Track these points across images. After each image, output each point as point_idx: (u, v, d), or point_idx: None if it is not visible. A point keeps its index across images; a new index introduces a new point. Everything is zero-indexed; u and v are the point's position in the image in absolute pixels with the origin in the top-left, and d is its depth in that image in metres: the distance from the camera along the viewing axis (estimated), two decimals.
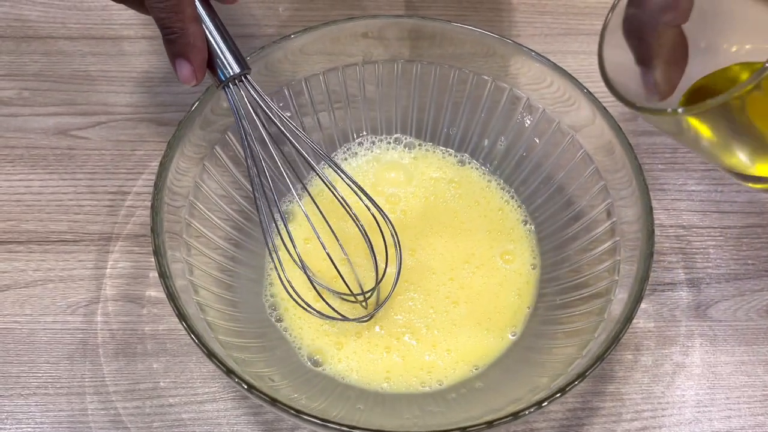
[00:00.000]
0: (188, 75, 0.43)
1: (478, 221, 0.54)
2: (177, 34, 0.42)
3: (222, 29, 0.44)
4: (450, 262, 0.52)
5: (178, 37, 0.42)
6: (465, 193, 0.55)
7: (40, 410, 0.50)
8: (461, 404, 0.45)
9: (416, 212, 0.55)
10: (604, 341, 0.41)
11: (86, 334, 0.52)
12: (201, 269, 0.46)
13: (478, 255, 0.53)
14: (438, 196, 0.55)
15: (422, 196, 0.56)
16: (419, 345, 0.49)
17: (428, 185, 0.56)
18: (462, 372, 0.48)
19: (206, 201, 0.49)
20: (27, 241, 0.56)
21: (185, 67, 0.43)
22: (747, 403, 0.51)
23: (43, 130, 0.61)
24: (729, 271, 0.56)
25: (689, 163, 0.61)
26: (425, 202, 0.55)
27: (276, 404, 0.38)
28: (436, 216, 0.54)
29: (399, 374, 0.48)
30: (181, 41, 0.42)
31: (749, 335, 0.54)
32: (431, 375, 0.48)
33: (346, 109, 0.56)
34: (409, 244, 0.53)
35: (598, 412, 0.51)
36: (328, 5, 0.68)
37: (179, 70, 0.43)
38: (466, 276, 0.52)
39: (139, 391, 0.50)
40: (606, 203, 0.48)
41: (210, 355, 0.39)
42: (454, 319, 0.50)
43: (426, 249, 0.53)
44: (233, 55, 0.44)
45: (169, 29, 0.42)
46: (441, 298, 0.51)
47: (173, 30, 0.42)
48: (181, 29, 0.42)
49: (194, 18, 0.43)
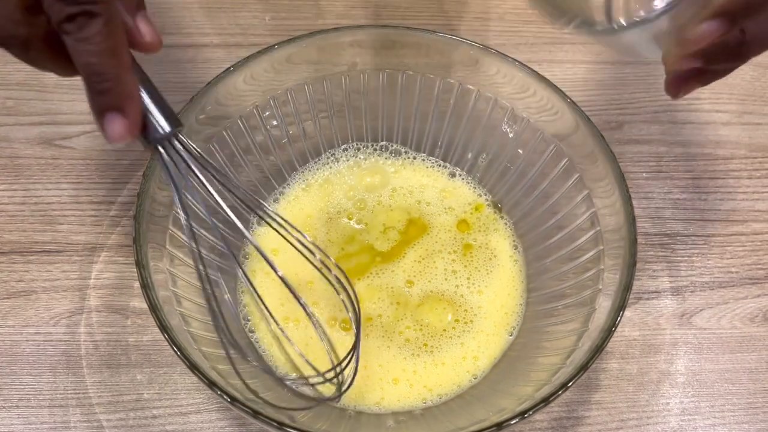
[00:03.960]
0: (122, 131, 0.36)
1: (458, 228, 0.54)
2: (110, 82, 0.35)
3: (147, 82, 0.38)
4: (426, 272, 0.52)
5: (111, 85, 0.35)
6: (451, 203, 0.56)
7: (22, 422, 0.49)
8: (446, 415, 0.45)
9: (394, 219, 0.55)
10: (587, 350, 0.41)
11: (69, 345, 0.52)
12: (184, 280, 0.46)
13: (458, 264, 0.53)
14: (420, 203, 0.56)
15: (403, 201, 0.56)
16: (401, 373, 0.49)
17: (411, 191, 0.56)
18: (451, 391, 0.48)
19: (190, 210, 0.49)
20: (10, 252, 0.55)
21: (117, 123, 0.36)
22: (731, 411, 0.51)
23: (27, 140, 0.60)
24: (713, 279, 0.56)
25: (674, 172, 0.61)
26: (405, 207, 0.55)
27: (258, 417, 0.37)
28: (416, 224, 0.55)
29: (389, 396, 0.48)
30: (116, 90, 0.35)
31: (733, 343, 0.54)
32: (427, 393, 0.48)
33: (332, 118, 0.56)
34: (384, 253, 0.53)
35: (584, 420, 0.51)
36: (314, 15, 0.68)
37: (109, 125, 0.36)
38: (446, 289, 0.52)
39: (123, 402, 0.50)
40: (590, 212, 0.49)
41: (192, 368, 0.39)
42: (434, 341, 0.50)
43: (402, 259, 0.53)
44: (163, 113, 0.38)
45: (102, 76, 0.35)
46: (413, 321, 0.51)
47: (106, 77, 0.35)
48: (116, 76, 0.35)
49: (128, 63, 0.36)
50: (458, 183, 0.57)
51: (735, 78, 0.65)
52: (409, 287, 0.51)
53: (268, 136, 0.54)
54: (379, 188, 0.56)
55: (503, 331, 0.50)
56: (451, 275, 0.52)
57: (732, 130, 0.63)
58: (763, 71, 0.66)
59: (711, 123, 0.64)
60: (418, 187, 0.56)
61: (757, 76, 0.66)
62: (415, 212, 0.55)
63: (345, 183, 0.56)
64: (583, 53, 0.67)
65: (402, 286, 0.52)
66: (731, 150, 0.62)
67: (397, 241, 0.53)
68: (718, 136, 0.63)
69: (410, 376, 0.48)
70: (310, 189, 0.56)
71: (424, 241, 0.54)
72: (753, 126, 0.64)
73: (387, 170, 0.57)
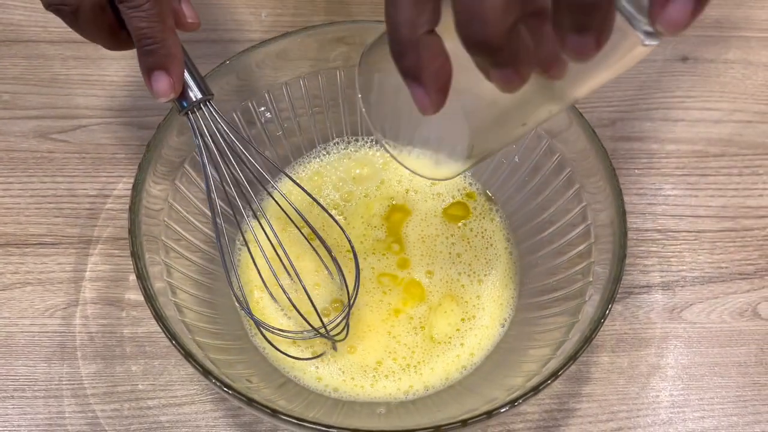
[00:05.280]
0: (166, 88, 0.42)
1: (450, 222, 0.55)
2: (158, 44, 0.41)
3: (185, 54, 0.43)
4: (421, 263, 0.53)
5: (158, 47, 0.41)
6: (441, 192, 0.56)
7: (17, 413, 0.50)
8: (438, 405, 0.46)
9: (385, 211, 0.55)
10: (577, 341, 0.41)
11: (64, 336, 0.52)
12: (179, 271, 0.47)
13: (452, 258, 0.53)
14: (411, 191, 0.56)
15: (392, 190, 0.56)
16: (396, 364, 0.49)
17: (401, 181, 0.56)
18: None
19: (185, 203, 0.49)
20: (5, 244, 0.56)
21: (163, 80, 0.41)
22: (720, 403, 0.52)
23: (23, 134, 0.61)
24: (703, 275, 0.57)
25: (665, 168, 0.62)
26: (396, 197, 0.56)
27: (252, 404, 0.38)
28: (411, 215, 0.55)
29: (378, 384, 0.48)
30: (162, 52, 0.41)
31: (722, 337, 0.54)
32: (412, 386, 0.48)
33: (326, 112, 0.57)
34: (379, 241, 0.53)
35: (575, 413, 0.51)
36: (310, 11, 0.69)
37: (156, 83, 0.42)
38: (441, 272, 0.52)
39: (117, 393, 0.50)
40: (581, 206, 0.49)
41: (187, 356, 0.39)
42: (428, 332, 0.50)
43: (400, 246, 0.53)
44: (195, 81, 0.43)
45: (151, 39, 0.40)
46: (407, 317, 0.51)
47: (155, 40, 0.40)
48: (162, 39, 0.41)
49: (173, 29, 0.42)
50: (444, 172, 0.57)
51: (726, 77, 0.66)
52: (407, 271, 0.52)
53: (263, 129, 0.55)
54: (371, 179, 0.56)
55: (497, 324, 0.51)
56: (456, 258, 0.52)
57: (723, 127, 0.64)
58: (754, 70, 0.67)
59: (702, 121, 0.64)
60: (406, 176, 0.56)
61: (748, 74, 0.66)
62: (401, 199, 0.55)
63: (334, 175, 0.56)
64: None
65: (400, 269, 0.52)
66: (722, 147, 0.63)
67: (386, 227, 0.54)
68: (709, 134, 0.64)
69: (402, 367, 0.49)
70: (301, 182, 0.56)
71: (412, 223, 0.54)
72: (743, 124, 0.64)
73: (376, 161, 0.57)
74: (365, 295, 0.51)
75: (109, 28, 0.41)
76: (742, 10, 0.70)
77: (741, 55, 0.67)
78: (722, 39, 0.68)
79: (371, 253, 0.53)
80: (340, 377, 0.48)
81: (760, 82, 0.66)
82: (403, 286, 0.52)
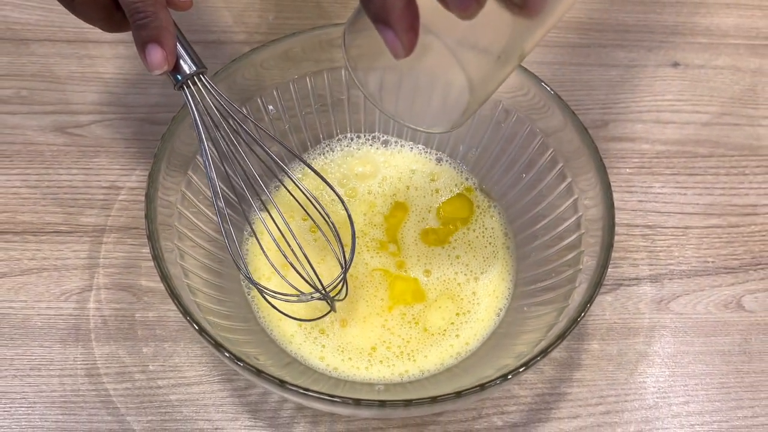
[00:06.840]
0: (160, 59, 0.43)
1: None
2: (150, 18, 0.42)
3: (177, 29, 0.45)
4: (417, 256, 0.55)
5: (150, 20, 0.42)
6: (440, 188, 0.58)
7: (33, 391, 0.52)
8: (433, 384, 0.48)
9: (388, 204, 0.58)
10: (566, 323, 0.44)
11: (79, 320, 0.55)
12: (191, 255, 0.49)
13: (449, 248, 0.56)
14: (411, 188, 0.58)
15: (393, 187, 0.58)
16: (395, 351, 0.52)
17: (401, 178, 0.59)
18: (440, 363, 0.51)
19: (196, 192, 0.52)
20: (23, 232, 0.58)
21: (157, 52, 0.43)
22: (704, 390, 0.54)
23: (41, 127, 0.63)
24: (690, 268, 0.59)
25: (655, 168, 0.64)
26: (397, 193, 0.58)
27: (261, 375, 0.40)
28: (410, 209, 0.57)
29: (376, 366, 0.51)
30: (154, 24, 0.42)
31: (708, 327, 0.57)
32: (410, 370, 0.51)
33: (331, 111, 0.59)
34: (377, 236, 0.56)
35: (565, 396, 0.54)
36: (316, 14, 0.71)
37: (150, 55, 0.43)
38: (439, 271, 0.55)
39: (129, 373, 0.53)
40: (572, 199, 0.52)
41: (201, 331, 0.42)
42: (425, 320, 0.53)
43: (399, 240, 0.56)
44: (189, 56, 0.45)
45: (142, 13, 0.42)
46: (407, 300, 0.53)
47: (146, 14, 0.42)
48: (153, 13, 0.42)
49: (164, 4, 0.44)
50: (445, 167, 0.59)
51: (715, 82, 0.69)
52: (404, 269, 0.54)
53: (271, 126, 0.57)
54: (372, 176, 0.59)
55: (493, 314, 0.53)
56: (455, 260, 0.55)
57: (712, 130, 0.67)
58: (742, 75, 0.69)
59: (692, 123, 0.67)
60: (407, 172, 0.59)
61: (736, 80, 0.69)
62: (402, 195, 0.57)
63: (338, 171, 0.59)
64: (571, 55, 0.70)
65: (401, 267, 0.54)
66: (710, 148, 0.65)
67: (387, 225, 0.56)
68: (698, 136, 0.66)
69: (396, 354, 0.51)
70: (305, 179, 0.59)
71: (411, 223, 0.56)
72: (731, 126, 0.67)
73: (377, 158, 0.60)
74: (360, 289, 0.53)
75: (105, 9, 0.44)
76: (731, 18, 0.72)
77: (730, 62, 0.70)
78: (712, 46, 0.71)
79: (366, 251, 0.55)
80: (339, 356, 0.50)
81: (748, 87, 0.69)
82: (400, 285, 0.54)
